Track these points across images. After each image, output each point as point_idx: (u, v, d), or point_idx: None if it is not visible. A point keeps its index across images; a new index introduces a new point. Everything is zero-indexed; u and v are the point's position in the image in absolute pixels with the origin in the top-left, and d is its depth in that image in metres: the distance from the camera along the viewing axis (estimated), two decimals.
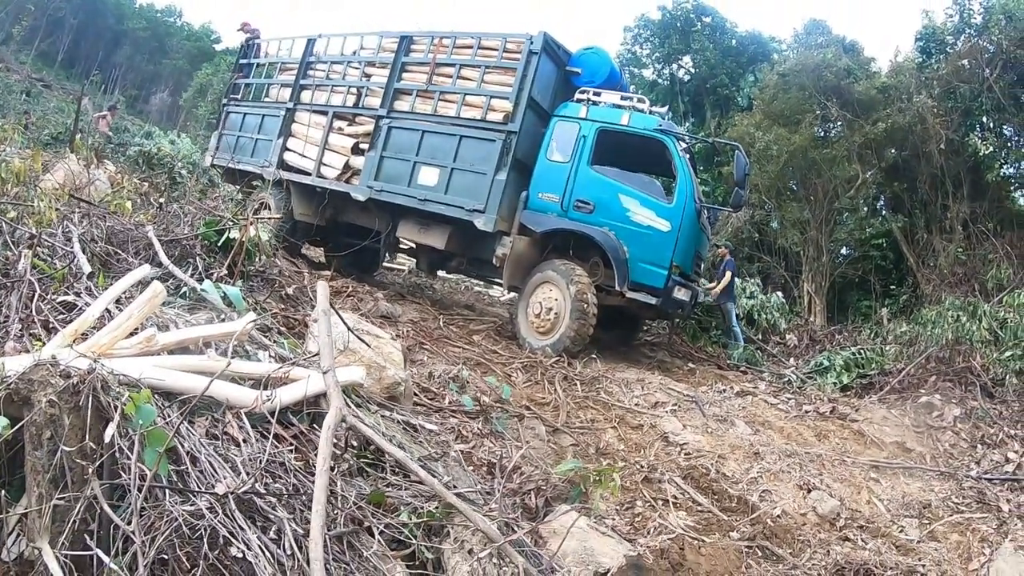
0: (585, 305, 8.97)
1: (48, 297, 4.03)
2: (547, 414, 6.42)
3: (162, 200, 7.98)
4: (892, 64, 18.96)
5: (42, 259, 4.58)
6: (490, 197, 9.70)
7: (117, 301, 4.00)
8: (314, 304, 6.37)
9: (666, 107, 11.41)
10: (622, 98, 10.11)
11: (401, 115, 10.92)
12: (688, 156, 10.03)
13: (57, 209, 5.82)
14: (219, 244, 6.28)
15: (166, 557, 2.34)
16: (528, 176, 10.05)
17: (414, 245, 11.83)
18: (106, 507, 2.36)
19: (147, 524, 2.37)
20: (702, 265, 11.01)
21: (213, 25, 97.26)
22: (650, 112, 9.98)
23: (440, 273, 13.59)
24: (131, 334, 3.54)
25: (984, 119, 16.30)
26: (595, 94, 10.08)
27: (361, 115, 11.53)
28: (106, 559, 2.30)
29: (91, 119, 18.74)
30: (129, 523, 2.32)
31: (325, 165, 11.65)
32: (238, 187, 11.85)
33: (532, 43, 9.82)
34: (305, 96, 12.51)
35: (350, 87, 11.79)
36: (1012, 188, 17.33)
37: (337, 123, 11.78)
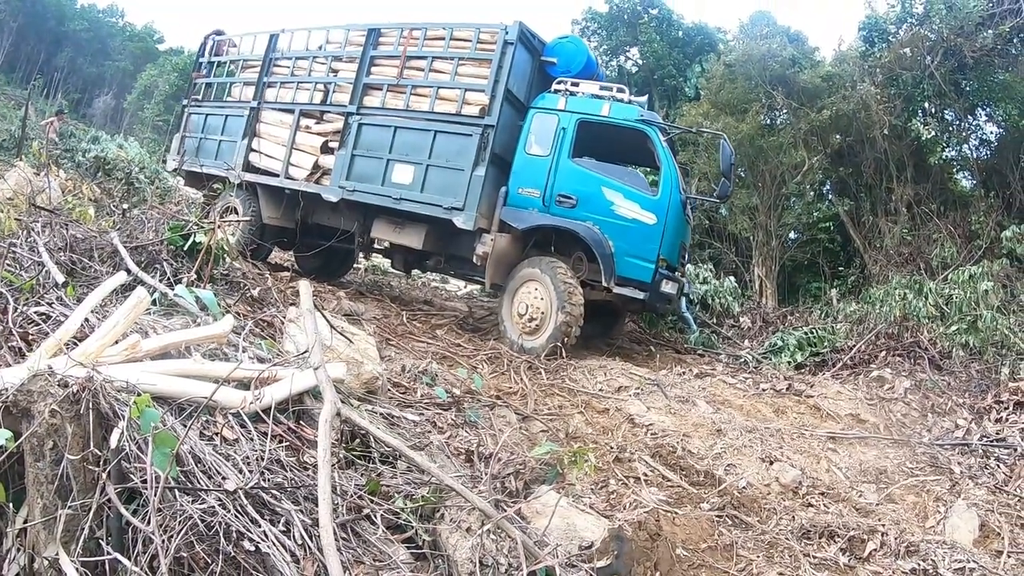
0: (570, 328, 8.79)
1: (20, 309, 4.03)
2: (516, 402, 6.54)
3: (125, 206, 7.94)
4: (836, 53, 19.43)
5: (8, 270, 4.56)
6: (469, 194, 9.40)
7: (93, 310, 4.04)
8: (280, 305, 6.46)
9: (645, 96, 10.95)
10: (601, 88, 9.85)
11: (371, 111, 10.54)
12: (670, 146, 9.78)
13: (17, 219, 5.81)
14: (185, 249, 6.30)
15: (183, 555, 2.41)
16: (507, 171, 9.75)
17: (389, 245, 11.45)
18: (123, 510, 2.44)
19: (163, 524, 2.44)
20: (686, 256, 10.85)
21: (156, 25, 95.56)
22: (630, 102, 9.68)
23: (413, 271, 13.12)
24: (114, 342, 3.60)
25: (926, 105, 16.73)
26: (573, 84, 9.80)
27: (329, 112, 11.16)
28: (126, 562, 2.37)
29: (42, 125, 18.36)
30: (147, 524, 2.39)
31: (293, 166, 11.24)
32: (203, 191, 11.36)
33: (507, 33, 9.51)
34: (270, 94, 12.03)
35: (317, 83, 11.37)
36: (954, 170, 17.83)
37: (304, 121, 11.36)
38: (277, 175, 11.36)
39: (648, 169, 11.30)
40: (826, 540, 4.83)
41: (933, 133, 15.96)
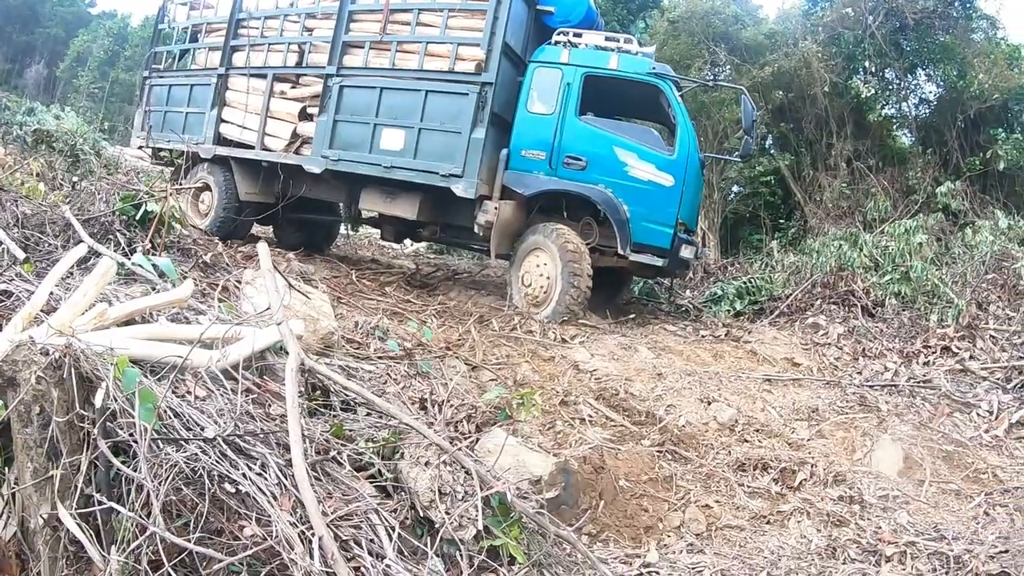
0: (577, 299, 8.45)
1: None
2: (465, 353, 6.72)
3: (74, 179, 7.91)
4: (779, 11, 19.92)
5: None
6: (468, 159, 8.72)
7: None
8: (231, 269, 6.62)
9: (652, 47, 10.11)
10: (606, 39, 9.21)
11: (353, 72, 9.75)
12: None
13: None
14: (137, 218, 6.38)
15: (171, 499, 2.61)
16: (507, 132, 9.11)
17: (379, 215, 10.68)
18: (115, 461, 2.63)
19: (151, 472, 2.62)
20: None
21: None
22: (638, 53, 9.04)
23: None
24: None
25: (866, 64, 17.07)
26: (575, 35, 9.14)
27: (306, 75, 10.36)
28: (122, 510, 2.56)
29: None
30: (138, 472, 2.59)
31: (269, 136, 10.44)
32: (172, 168, 10.61)
33: None
34: (238, 59, 11.06)
35: (290, 44, 10.45)
36: (893, 127, 18.24)
37: (279, 86, 10.53)
38: (252, 147, 10.62)
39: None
40: (760, 472, 5.23)
41: (873, 91, 16.33)
